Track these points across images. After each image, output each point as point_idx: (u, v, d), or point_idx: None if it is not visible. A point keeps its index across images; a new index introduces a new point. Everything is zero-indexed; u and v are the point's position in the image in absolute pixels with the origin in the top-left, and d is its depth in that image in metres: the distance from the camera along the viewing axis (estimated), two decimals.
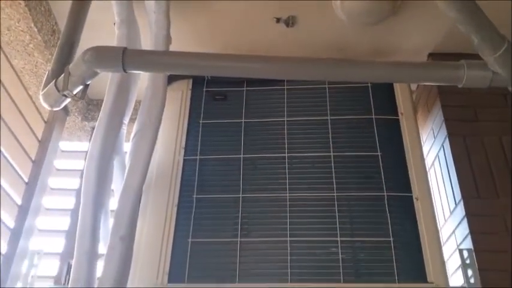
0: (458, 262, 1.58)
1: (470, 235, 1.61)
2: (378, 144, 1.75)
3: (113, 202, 1.50)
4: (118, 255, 1.30)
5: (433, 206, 1.67)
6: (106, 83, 1.60)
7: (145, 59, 1.35)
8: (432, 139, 1.98)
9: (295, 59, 1.31)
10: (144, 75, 1.66)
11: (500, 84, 1.28)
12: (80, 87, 1.38)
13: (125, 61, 1.28)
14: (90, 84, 1.39)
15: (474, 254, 1.55)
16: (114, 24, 1.67)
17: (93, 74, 1.35)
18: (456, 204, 1.74)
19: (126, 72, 1.33)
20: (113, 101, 1.56)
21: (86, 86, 1.39)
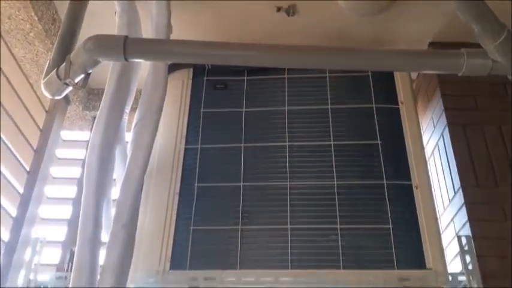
0: (457, 249, 1.60)
1: (468, 222, 1.63)
2: (378, 133, 1.76)
3: (115, 192, 1.51)
4: (120, 242, 1.31)
5: (432, 194, 1.69)
6: (107, 73, 1.61)
7: (146, 48, 1.35)
8: (432, 128, 1.99)
9: (295, 47, 1.31)
10: (145, 64, 1.66)
11: (500, 72, 1.28)
12: (82, 75, 1.38)
13: (127, 50, 1.29)
14: (91, 73, 1.40)
15: (472, 241, 1.57)
16: (114, 13, 1.68)
17: (94, 63, 1.35)
18: (455, 192, 1.75)
19: (127, 61, 1.33)
20: (114, 90, 1.57)
21: (88, 75, 1.40)
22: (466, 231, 1.63)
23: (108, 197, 1.52)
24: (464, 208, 1.67)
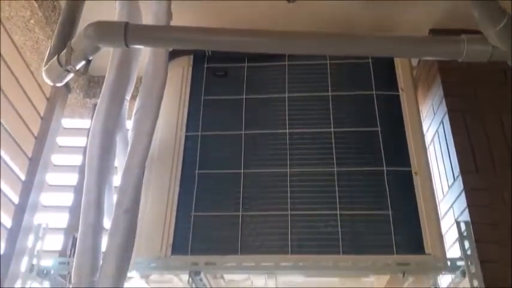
0: (456, 235, 1.61)
1: (468, 208, 1.64)
2: (378, 119, 1.76)
3: (117, 179, 1.52)
4: (122, 228, 1.31)
5: (432, 180, 1.70)
6: (107, 60, 1.61)
7: (147, 34, 1.35)
8: (432, 115, 2.00)
9: (296, 33, 1.31)
10: (145, 52, 1.66)
11: (500, 58, 1.29)
12: (83, 62, 1.39)
13: (127, 36, 1.29)
14: (92, 59, 1.40)
15: (471, 227, 1.58)
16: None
17: (95, 49, 1.35)
18: (455, 179, 1.76)
19: (128, 47, 1.33)
20: (115, 78, 1.57)
21: (89, 61, 1.40)
22: (465, 217, 1.64)
23: (109, 184, 1.53)
24: (463, 194, 1.68)
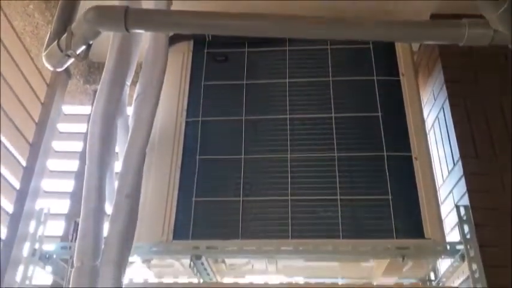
0: (455, 219, 1.62)
1: (467, 193, 1.65)
2: (379, 104, 1.76)
3: (118, 165, 1.52)
4: (124, 212, 1.32)
5: (432, 165, 1.70)
6: (107, 46, 1.60)
7: (148, 18, 1.34)
8: (432, 101, 2.00)
9: (296, 17, 1.30)
10: (146, 37, 1.65)
11: (501, 42, 1.28)
12: (83, 47, 1.38)
13: (128, 20, 1.28)
14: (92, 44, 1.40)
15: (471, 211, 1.59)
16: None
17: (95, 34, 1.34)
18: (455, 164, 1.77)
19: (128, 31, 1.32)
20: (115, 63, 1.56)
21: (89, 46, 1.39)
22: (465, 201, 1.65)
23: (110, 169, 1.53)
24: (463, 179, 1.68)
